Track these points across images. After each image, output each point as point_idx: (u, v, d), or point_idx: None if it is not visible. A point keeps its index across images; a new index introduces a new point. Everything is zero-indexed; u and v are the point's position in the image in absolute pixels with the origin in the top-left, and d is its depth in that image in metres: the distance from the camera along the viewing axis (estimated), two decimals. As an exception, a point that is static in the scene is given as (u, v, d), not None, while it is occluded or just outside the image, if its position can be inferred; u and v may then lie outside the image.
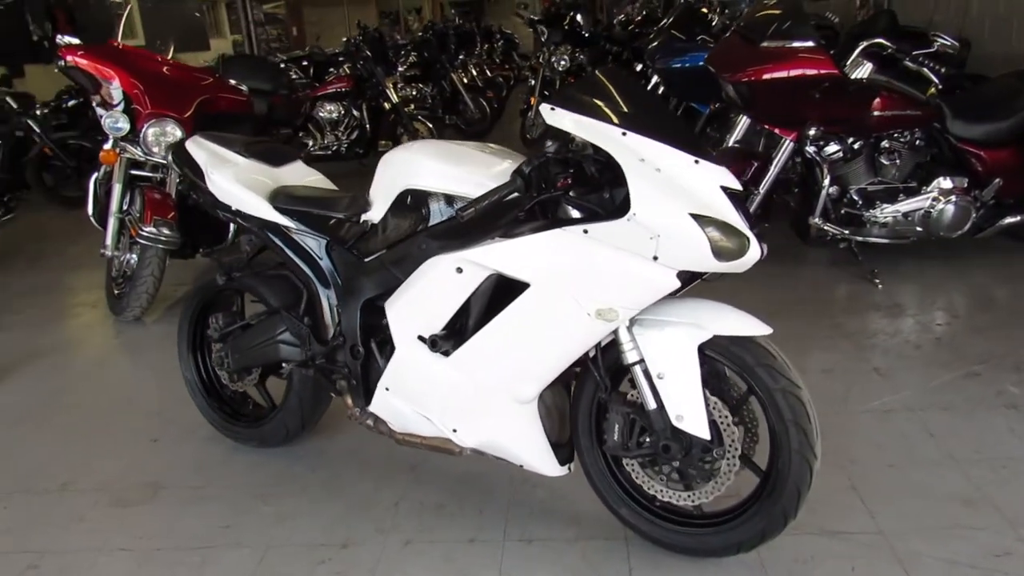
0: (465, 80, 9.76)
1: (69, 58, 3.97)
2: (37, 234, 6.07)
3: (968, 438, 2.48)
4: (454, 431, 2.11)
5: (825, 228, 3.77)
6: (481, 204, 1.86)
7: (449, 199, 2.04)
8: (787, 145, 3.78)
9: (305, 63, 9.16)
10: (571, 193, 1.89)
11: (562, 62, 8.24)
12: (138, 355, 3.72)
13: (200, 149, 2.55)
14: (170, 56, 4.71)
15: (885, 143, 3.82)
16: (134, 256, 3.97)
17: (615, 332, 1.88)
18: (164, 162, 4.06)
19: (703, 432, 1.86)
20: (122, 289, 4.03)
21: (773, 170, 3.85)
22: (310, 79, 8.91)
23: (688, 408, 1.86)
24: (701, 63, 4.19)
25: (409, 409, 2.18)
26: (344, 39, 8.94)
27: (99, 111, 4.03)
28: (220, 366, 2.64)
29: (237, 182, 2.42)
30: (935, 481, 2.28)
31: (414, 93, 8.96)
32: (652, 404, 1.89)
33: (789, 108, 3.64)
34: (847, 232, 3.77)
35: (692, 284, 2.10)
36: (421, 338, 2.06)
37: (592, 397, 2.04)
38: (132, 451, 2.77)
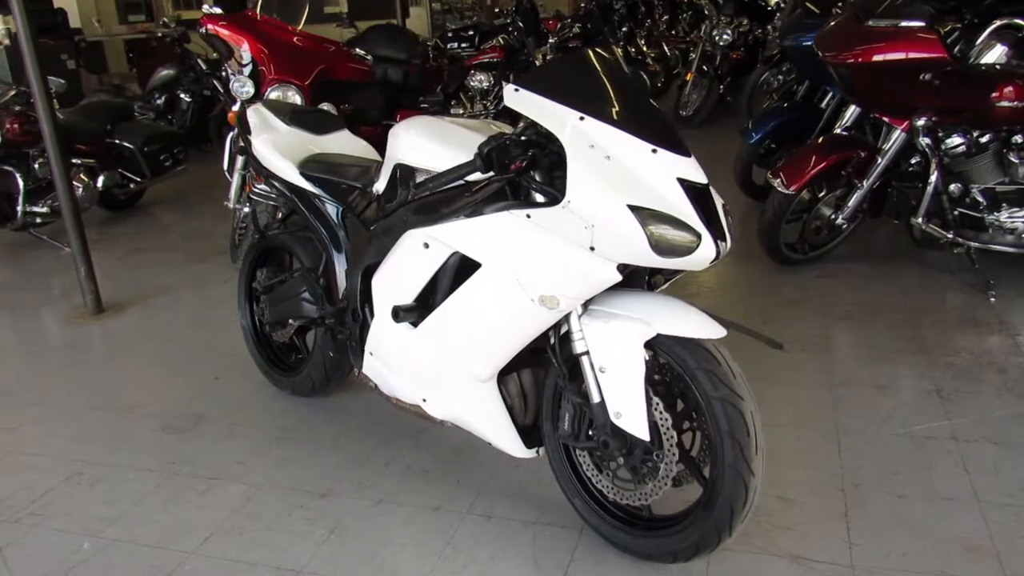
0: (632, 52, 9.59)
1: (209, 26, 4.38)
2: (208, 183, 6.75)
3: (1007, 479, 2.19)
4: (423, 400, 2.18)
5: (927, 230, 3.40)
6: (438, 181, 1.89)
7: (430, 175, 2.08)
8: (898, 135, 3.43)
9: (471, 32, 9.40)
10: (534, 175, 1.86)
11: (724, 36, 7.87)
12: (234, 301, 4.09)
13: (255, 115, 2.76)
14: (300, 26, 5.03)
15: (1019, 138, 3.35)
16: (247, 209, 4.34)
17: (569, 320, 1.86)
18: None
19: (640, 432, 1.80)
20: (239, 239, 4.43)
21: (882, 162, 3.52)
22: (475, 48, 9.14)
23: (627, 405, 1.80)
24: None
25: (389, 374, 2.27)
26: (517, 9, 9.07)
27: (231, 75, 4.42)
28: (262, 317, 2.87)
29: (273, 147, 2.59)
30: (944, 520, 2.05)
31: (571, 64, 8.91)
32: (596, 397, 1.85)
33: (896, 95, 3.30)
34: (953, 236, 3.37)
35: (671, 279, 2.03)
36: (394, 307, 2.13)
37: (554, 384, 2.03)
38: (195, 385, 3.08)
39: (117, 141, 5.57)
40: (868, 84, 3.33)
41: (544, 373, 2.08)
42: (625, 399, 1.80)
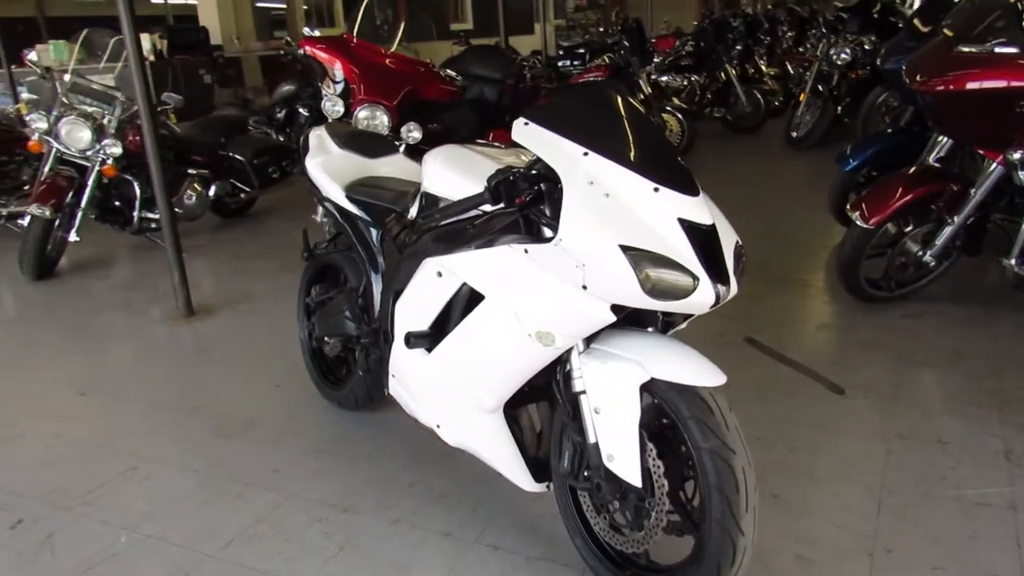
0: (750, 71, 9.33)
1: (307, 48, 4.62)
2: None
3: (1065, 560, 1.98)
4: (437, 426, 2.20)
5: (1020, 272, 3.11)
6: (447, 212, 1.91)
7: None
8: (993, 168, 3.17)
9: (582, 50, 9.42)
10: (544, 209, 1.85)
11: (843, 55, 7.50)
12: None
13: (314, 138, 2.88)
14: (394, 48, 5.20)
15: None
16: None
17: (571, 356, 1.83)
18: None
19: (632, 477, 1.74)
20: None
21: (975, 196, 3.26)
22: (584, 66, 9.16)
23: (619, 449, 1.75)
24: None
25: (408, 398, 2.31)
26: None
27: (324, 95, 4.63)
28: (313, 331, 2.99)
29: (324, 170, 2.70)
30: (979, 600, 1.87)
31: (684, 83, 8.78)
32: (592, 438, 1.81)
33: (989, 125, 3.05)
34: (1049, 282, 3.08)
35: (689, 318, 1.95)
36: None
37: (560, 420, 2.00)
38: (257, 392, 3.23)
39: (230, 153, 5.94)
40: (958, 114, 3.10)
41: (553, 408, 2.06)
42: (617, 442, 1.75)
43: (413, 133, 4.64)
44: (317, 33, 4.78)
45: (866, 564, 2.00)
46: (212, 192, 5.72)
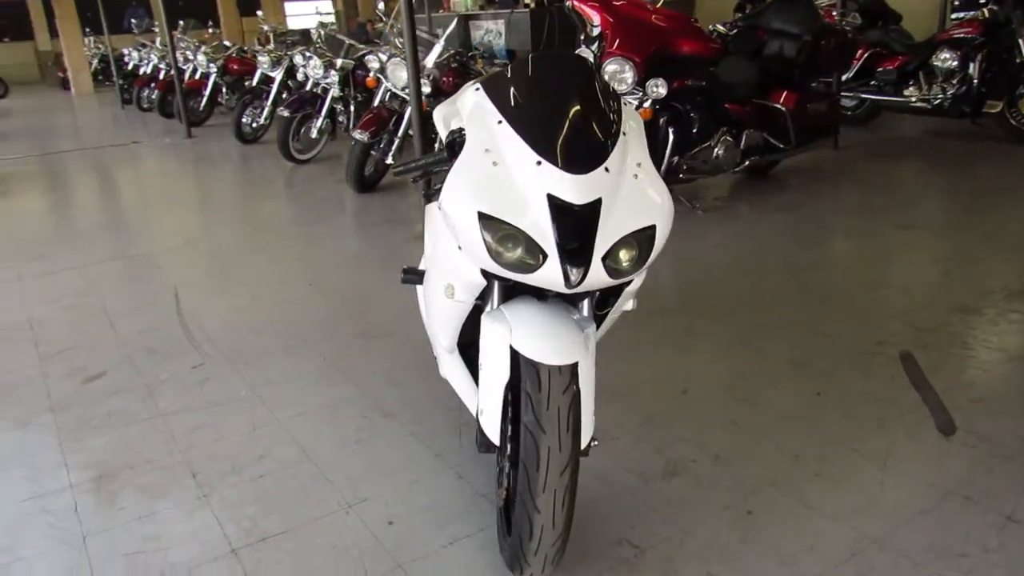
0: None
1: (573, 2, 4.84)
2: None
3: None
4: (435, 357, 2.44)
5: None
6: (408, 164, 2.11)
7: None
8: None
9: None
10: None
11: None
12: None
13: None
14: (660, 3, 5.11)
15: None
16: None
17: None
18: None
19: (491, 434, 1.82)
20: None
21: None
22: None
23: (487, 406, 1.84)
24: None
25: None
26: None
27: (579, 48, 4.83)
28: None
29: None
30: None
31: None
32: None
33: None
34: None
35: (626, 305, 1.91)
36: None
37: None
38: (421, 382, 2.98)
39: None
40: None
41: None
42: (486, 399, 1.84)
43: (659, 89, 4.63)
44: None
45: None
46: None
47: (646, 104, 4.67)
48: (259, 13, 10.91)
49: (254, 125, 8.52)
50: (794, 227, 4.81)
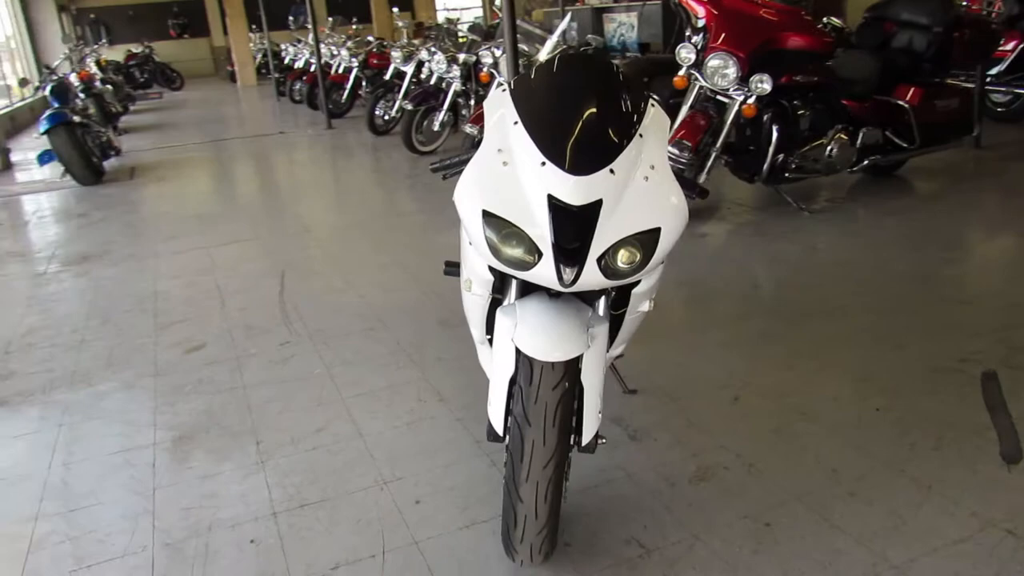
0: None
1: (680, -5, 4.76)
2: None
3: None
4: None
5: None
6: (444, 161, 2.20)
7: None
8: None
9: None
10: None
11: None
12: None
13: None
14: None
15: None
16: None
17: None
18: (719, 93, 4.60)
19: (496, 423, 1.90)
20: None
21: None
22: None
23: (494, 396, 1.91)
24: None
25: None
26: None
27: (684, 42, 4.75)
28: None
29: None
30: None
31: None
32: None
33: None
34: None
35: (643, 307, 1.93)
36: None
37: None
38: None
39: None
40: None
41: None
42: (494, 390, 1.91)
43: (763, 84, 4.48)
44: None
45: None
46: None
47: (750, 100, 4.54)
48: (395, 10, 11.33)
49: (386, 117, 8.93)
50: (907, 232, 4.52)
